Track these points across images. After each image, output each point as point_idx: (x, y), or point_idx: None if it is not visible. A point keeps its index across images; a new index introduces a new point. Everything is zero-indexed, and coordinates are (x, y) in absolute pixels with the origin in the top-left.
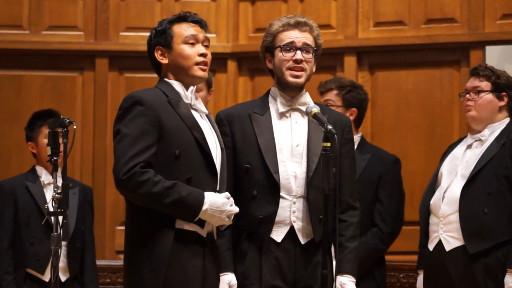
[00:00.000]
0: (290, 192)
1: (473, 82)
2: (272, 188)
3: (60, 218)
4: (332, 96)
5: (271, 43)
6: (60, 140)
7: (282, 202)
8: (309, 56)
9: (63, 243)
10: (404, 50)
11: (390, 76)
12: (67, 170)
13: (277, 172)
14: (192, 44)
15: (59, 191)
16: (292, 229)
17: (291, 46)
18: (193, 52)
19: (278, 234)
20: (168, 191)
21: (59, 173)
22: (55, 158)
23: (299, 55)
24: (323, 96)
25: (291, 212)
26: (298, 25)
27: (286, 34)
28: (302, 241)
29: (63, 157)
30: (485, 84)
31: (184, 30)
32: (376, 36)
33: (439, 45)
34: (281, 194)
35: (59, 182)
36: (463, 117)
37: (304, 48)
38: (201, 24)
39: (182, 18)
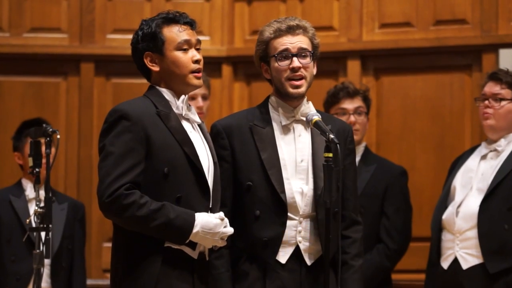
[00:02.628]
0: (297, 211)
1: (493, 88)
2: (278, 208)
3: (43, 234)
4: (361, 102)
5: (265, 52)
6: (43, 151)
7: (288, 222)
8: (307, 60)
9: (47, 261)
10: (411, 54)
11: (396, 81)
12: (50, 182)
13: (284, 191)
14: (185, 50)
15: (41, 205)
16: (297, 249)
17: (286, 54)
18: (187, 59)
19: (283, 255)
20: (155, 214)
21: (42, 186)
22: (37, 169)
23: (296, 62)
24: (352, 102)
25: (297, 232)
26: (290, 30)
27: (279, 41)
28: (308, 261)
29: (46, 169)
30: (507, 92)
31: (176, 34)
32: (382, 39)
33: (449, 48)
34: (288, 214)
35: (42, 195)
36: (475, 125)
37: (300, 53)
38: (192, 25)
39: (172, 19)
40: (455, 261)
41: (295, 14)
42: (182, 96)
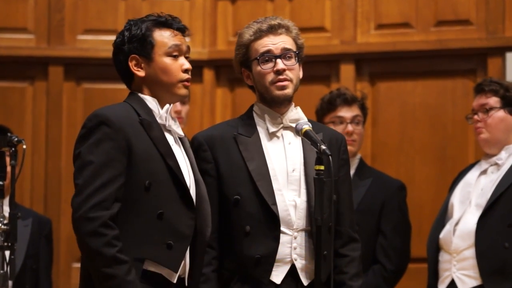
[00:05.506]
0: (290, 225)
1: (479, 100)
2: (269, 222)
3: (7, 253)
4: (359, 111)
5: (245, 56)
6: (8, 162)
7: (281, 238)
8: (292, 62)
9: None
10: (410, 57)
11: (394, 87)
12: (15, 197)
13: (275, 203)
14: (175, 56)
15: (5, 221)
16: (293, 268)
17: (268, 56)
18: (177, 67)
19: (277, 275)
20: (114, 262)
21: (6, 201)
22: (1, 182)
23: (280, 64)
24: (350, 110)
25: (291, 249)
26: (271, 29)
27: (260, 43)
28: (305, 281)
29: (10, 182)
30: (494, 100)
31: (168, 39)
32: (378, 41)
33: (451, 52)
34: (281, 228)
35: (6, 211)
36: None
37: (284, 54)
38: (184, 32)
39: (165, 23)
40: (452, 284)
41: (283, 13)
42: (167, 106)
